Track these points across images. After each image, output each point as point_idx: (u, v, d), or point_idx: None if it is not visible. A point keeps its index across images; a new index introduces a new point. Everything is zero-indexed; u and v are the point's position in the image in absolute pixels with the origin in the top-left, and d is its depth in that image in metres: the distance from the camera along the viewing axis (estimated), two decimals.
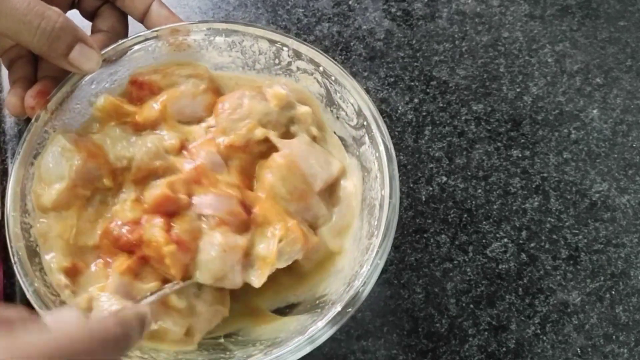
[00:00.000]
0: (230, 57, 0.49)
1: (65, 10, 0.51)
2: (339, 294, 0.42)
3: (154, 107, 0.46)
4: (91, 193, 0.44)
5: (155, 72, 0.48)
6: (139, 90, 0.47)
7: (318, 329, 0.39)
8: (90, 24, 0.52)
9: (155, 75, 0.48)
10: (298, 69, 0.48)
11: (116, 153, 0.45)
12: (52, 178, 0.43)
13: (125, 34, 0.52)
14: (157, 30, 0.48)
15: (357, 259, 0.44)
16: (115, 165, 0.45)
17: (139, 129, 0.46)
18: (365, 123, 0.45)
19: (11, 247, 0.41)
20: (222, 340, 0.45)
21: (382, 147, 0.44)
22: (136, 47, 0.47)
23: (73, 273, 0.43)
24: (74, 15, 0.51)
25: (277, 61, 0.48)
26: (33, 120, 0.44)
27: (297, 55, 0.47)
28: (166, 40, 0.48)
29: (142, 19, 0.50)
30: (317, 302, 0.45)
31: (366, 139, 0.45)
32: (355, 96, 0.46)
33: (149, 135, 0.46)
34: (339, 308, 0.40)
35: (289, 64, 0.48)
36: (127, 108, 0.46)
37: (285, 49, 0.47)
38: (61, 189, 0.43)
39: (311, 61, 0.47)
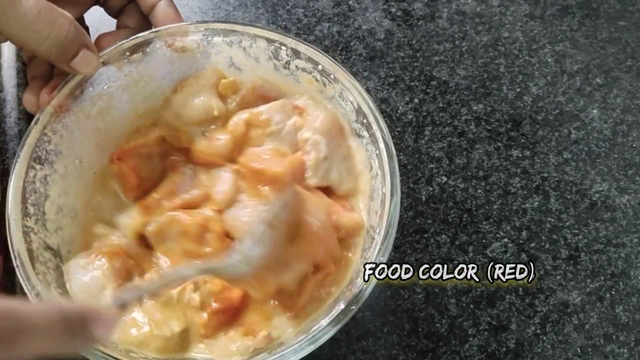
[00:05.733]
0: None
1: (87, 8, 0.51)
2: (342, 292, 0.42)
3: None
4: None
5: (129, 140, 0.49)
6: (121, 162, 0.48)
7: (321, 327, 0.39)
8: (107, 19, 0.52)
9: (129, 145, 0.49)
10: (297, 67, 0.48)
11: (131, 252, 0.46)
12: (93, 293, 0.43)
13: None
14: (155, 32, 0.48)
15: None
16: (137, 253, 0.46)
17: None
18: (365, 121, 0.45)
19: (13, 250, 0.41)
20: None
21: (382, 145, 0.44)
22: (134, 50, 0.47)
23: None
24: (95, 11, 0.52)
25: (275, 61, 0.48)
26: (33, 123, 0.44)
27: (296, 54, 0.47)
28: (165, 43, 0.48)
29: (149, 14, 0.50)
30: None
31: (366, 136, 0.45)
32: (354, 94, 0.45)
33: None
34: (342, 306, 0.39)
35: (288, 63, 0.48)
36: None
37: (283, 48, 0.47)
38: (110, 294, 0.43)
39: (310, 60, 0.47)
